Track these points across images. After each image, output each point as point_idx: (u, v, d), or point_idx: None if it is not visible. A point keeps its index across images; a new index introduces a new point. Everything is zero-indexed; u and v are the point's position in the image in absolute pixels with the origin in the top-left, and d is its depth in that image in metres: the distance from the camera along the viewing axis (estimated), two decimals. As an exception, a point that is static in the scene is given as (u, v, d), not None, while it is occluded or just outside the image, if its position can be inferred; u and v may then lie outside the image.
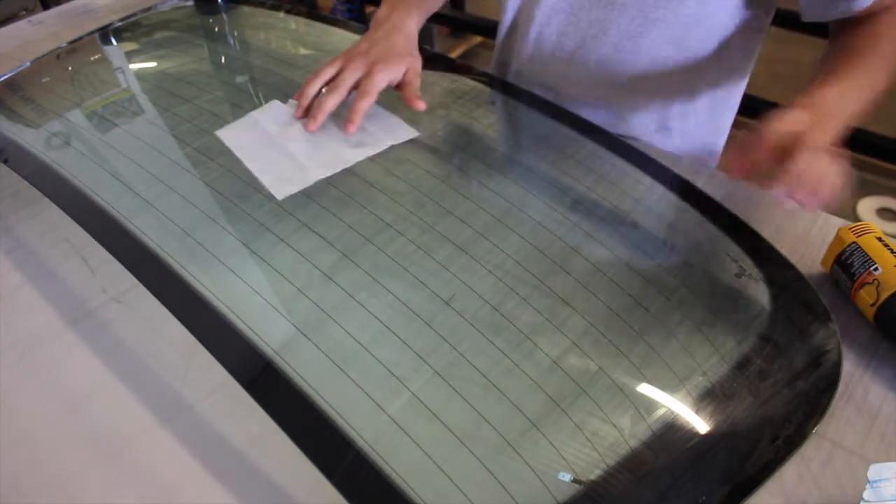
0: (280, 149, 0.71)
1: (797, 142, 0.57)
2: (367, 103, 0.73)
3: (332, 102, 0.74)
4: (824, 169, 0.58)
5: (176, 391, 0.57)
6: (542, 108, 0.83)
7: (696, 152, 0.93)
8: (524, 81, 0.95)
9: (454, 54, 2.87)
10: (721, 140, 0.96)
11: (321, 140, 0.73)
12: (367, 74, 0.74)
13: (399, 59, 0.77)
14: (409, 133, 0.75)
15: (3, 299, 0.66)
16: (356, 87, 0.75)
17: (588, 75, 0.89)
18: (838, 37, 0.74)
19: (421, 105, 0.76)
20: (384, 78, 0.75)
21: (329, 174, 0.68)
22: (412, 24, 0.83)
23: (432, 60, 0.87)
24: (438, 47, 2.64)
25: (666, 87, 0.88)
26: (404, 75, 0.77)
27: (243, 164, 0.70)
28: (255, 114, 0.77)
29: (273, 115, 0.76)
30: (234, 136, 0.74)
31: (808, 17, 0.75)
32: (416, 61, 0.79)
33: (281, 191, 0.66)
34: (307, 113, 0.75)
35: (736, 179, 0.61)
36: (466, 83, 0.86)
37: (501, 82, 0.88)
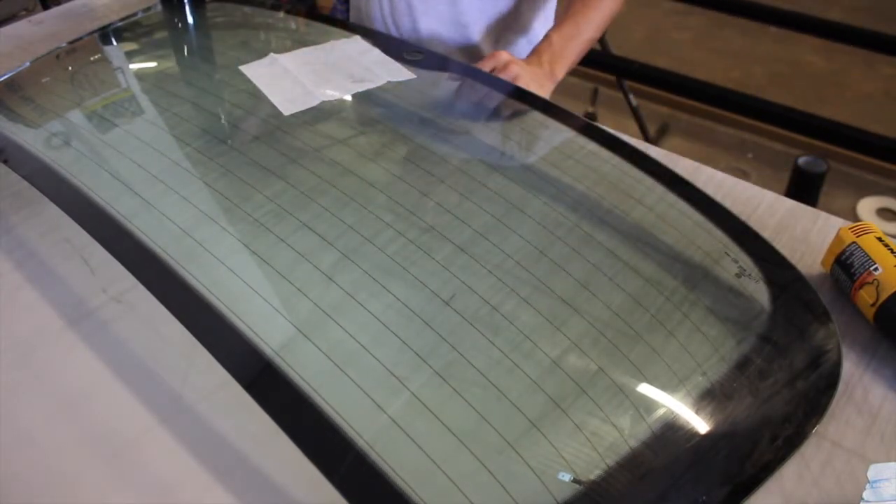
0: (292, 79, 0.83)
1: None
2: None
3: None
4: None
5: (176, 391, 0.57)
6: (542, 108, 0.83)
7: None
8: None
9: (454, 54, 2.85)
10: None
11: (327, 74, 0.84)
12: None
13: None
14: (406, 74, 0.85)
15: (3, 299, 0.66)
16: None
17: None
18: None
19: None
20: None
21: (331, 98, 0.80)
22: None
23: (431, 61, 0.88)
24: (438, 47, 2.64)
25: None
26: None
27: (261, 91, 0.82)
28: (273, 55, 0.89)
29: (290, 56, 0.88)
30: (255, 70, 0.86)
31: None
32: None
33: (288, 109, 0.78)
34: None
35: None
36: (466, 84, 0.86)
37: (501, 82, 0.88)
